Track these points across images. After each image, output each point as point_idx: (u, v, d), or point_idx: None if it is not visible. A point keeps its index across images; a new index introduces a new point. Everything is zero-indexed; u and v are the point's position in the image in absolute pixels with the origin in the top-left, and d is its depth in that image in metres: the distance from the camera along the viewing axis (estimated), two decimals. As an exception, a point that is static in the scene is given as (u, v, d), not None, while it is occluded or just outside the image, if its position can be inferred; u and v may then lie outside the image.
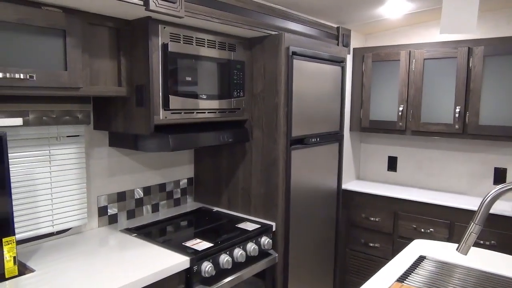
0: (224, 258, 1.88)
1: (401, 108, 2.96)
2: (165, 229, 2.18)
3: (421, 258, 1.71)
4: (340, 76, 2.69)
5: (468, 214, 2.63)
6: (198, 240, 1.94)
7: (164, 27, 1.79)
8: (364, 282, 1.41)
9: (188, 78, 1.92)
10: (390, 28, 3.26)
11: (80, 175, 1.98)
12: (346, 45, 2.86)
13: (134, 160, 2.27)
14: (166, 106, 1.82)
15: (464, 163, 3.02)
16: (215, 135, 2.08)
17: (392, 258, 2.96)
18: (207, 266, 1.79)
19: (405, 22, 3.09)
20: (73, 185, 1.96)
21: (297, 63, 2.25)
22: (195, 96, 1.95)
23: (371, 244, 3.05)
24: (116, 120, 1.92)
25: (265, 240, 2.16)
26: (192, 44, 1.93)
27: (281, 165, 2.23)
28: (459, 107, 2.71)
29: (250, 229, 2.14)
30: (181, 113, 1.91)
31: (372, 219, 3.03)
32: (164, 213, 2.42)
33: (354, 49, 3.12)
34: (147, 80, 1.74)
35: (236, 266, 1.97)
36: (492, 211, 2.56)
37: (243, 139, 2.27)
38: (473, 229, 1.20)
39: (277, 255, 2.21)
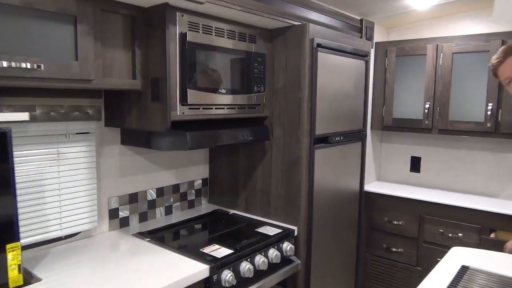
0: (245, 266, 1.74)
1: (427, 106, 2.79)
2: (180, 234, 2.04)
3: (464, 269, 1.55)
4: (364, 71, 2.53)
5: (500, 218, 2.46)
6: (217, 246, 1.80)
7: (182, 15, 1.65)
8: None
9: (207, 71, 1.78)
10: (414, 22, 3.09)
11: (90, 175, 1.85)
12: (370, 38, 2.70)
13: (147, 159, 2.13)
14: (183, 100, 1.68)
15: (493, 164, 2.85)
16: (235, 133, 1.94)
17: (417, 264, 2.80)
18: (227, 275, 1.65)
19: (431, 14, 2.92)
20: (82, 186, 1.82)
21: (321, 55, 2.10)
22: (214, 90, 1.81)
23: (394, 249, 2.89)
24: (129, 116, 1.78)
25: (287, 246, 2.01)
26: (211, 34, 1.78)
27: (304, 165, 2.08)
28: (491, 104, 2.54)
29: (271, 234, 1.99)
30: (199, 108, 1.76)
31: (395, 222, 2.87)
32: (178, 215, 2.28)
33: (376, 43, 2.96)
34: (164, 73, 1.60)
35: (258, 275, 1.82)
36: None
37: (263, 137, 2.12)
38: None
39: (299, 262, 2.06)
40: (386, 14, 2.78)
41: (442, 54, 2.72)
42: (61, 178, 1.74)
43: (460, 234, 2.60)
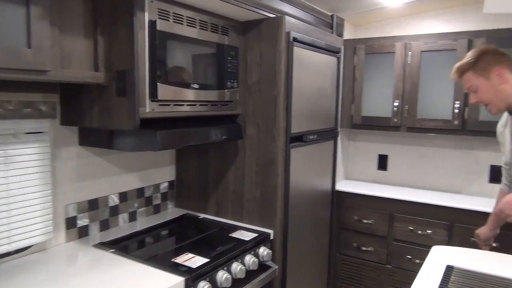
0: (222, 276, 1.60)
1: (396, 104, 2.79)
2: (147, 242, 1.87)
3: (449, 269, 1.52)
4: (336, 68, 2.47)
5: (468, 214, 2.50)
6: (190, 255, 1.65)
7: (152, 1, 1.48)
8: None
9: (179, 64, 1.62)
10: (382, 20, 3.09)
11: (44, 180, 1.63)
12: (340, 35, 2.65)
13: (108, 161, 1.93)
14: (153, 96, 1.51)
15: (459, 161, 2.90)
16: (208, 131, 1.79)
17: (387, 262, 2.80)
18: (204, 287, 1.50)
19: (399, 13, 2.93)
20: (35, 193, 1.60)
21: (297, 51, 2.00)
22: (186, 85, 1.66)
23: (364, 248, 2.87)
24: (89, 114, 1.58)
25: (263, 251, 1.90)
26: (183, 24, 1.63)
27: (280, 165, 1.98)
28: (459, 102, 2.57)
29: (247, 239, 1.87)
30: (170, 105, 1.60)
31: (365, 221, 2.85)
32: (143, 222, 2.10)
33: (345, 40, 2.92)
34: (131, 64, 1.43)
35: (235, 284, 1.69)
36: (490, 210, 2.45)
37: (236, 136, 1.99)
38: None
39: (277, 267, 1.96)
40: (356, 11, 2.74)
41: (410, 53, 2.72)
42: (10, 184, 1.51)
43: (429, 231, 2.62)
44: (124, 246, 1.76)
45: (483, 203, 2.55)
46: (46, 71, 1.25)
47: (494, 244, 2.02)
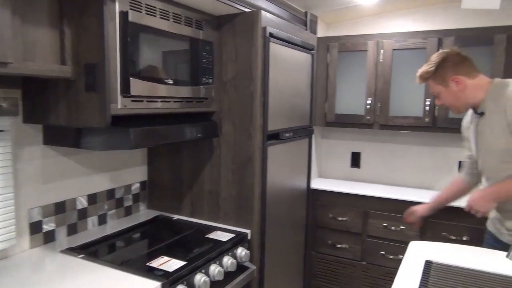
0: (200, 279, 1.54)
1: (369, 101, 2.81)
2: (120, 246, 1.77)
3: (429, 264, 1.53)
4: (310, 65, 2.46)
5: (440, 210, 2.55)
6: (166, 258, 1.58)
7: (123, -10, 1.40)
8: (332, 287, 1.18)
9: (153, 58, 1.55)
10: (354, 18, 3.11)
11: (5, 182, 1.51)
12: (314, 32, 2.64)
13: (75, 161, 1.82)
14: (126, 91, 1.43)
15: (429, 157, 2.97)
16: (183, 129, 1.72)
17: (362, 259, 2.82)
18: (182, 291, 1.44)
19: (370, 11, 2.96)
20: (-5, 196, 1.48)
21: (273, 46, 1.97)
22: (160, 80, 1.58)
23: (339, 246, 2.88)
24: (55, 110, 1.47)
25: (241, 251, 1.85)
26: (156, 16, 1.56)
27: (257, 163, 1.93)
28: (429, 99, 2.62)
29: (224, 240, 1.82)
30: (143, 101, 1.53)
31: (339, 219, 2.86)
32: (114, 225, 2.00)
33: (318, 38, 2.91)
34: (101, 58, 1.34)
35: (213, 286, 1.63)
36: (462, 204, 2.51)
37: (212, 134, 1.94)
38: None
39: (255, 268, 1.91)
40: (329, 8, 2.74)
41: (382, 51, 2.75)
42: (-34, 187, 1.39)
43: (402, 227, 2.66)
44: (94, 251, 1.66)
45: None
46: (7, 63, 1.15)
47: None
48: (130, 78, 1.43)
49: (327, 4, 2.66)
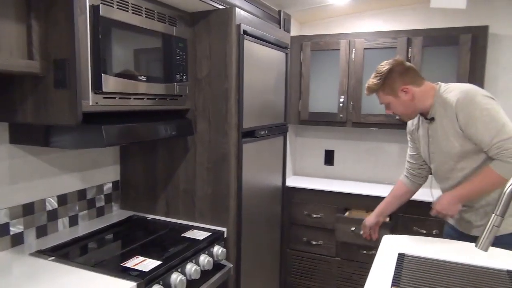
0: (176, 278, 1.52)
1: (342, 99, 2.86)
2: (92, 247, 1.73)
3: (401, 256, 1.57)
4: (284, 63, 2.47)
5: (409, 204, 2.61)
6: (141, 258, 1.55)
7: (93, -16, 1.37)
8: (308, 283, 1.20)
9: (125, 53, 1.51)
10: (326, 17, 3.15)
11: (-31, 183, 1.44)
12: (288, 31, 2.65)
13: (44, 161, 1.76)
14: (97, 88, 1.40)
15: (399, 154, 3.04)
16: (157, 127, 1.70)
17: (336, 255, 2.86)
18: (158, 291, 1.42)
19: (342, 11, 3.01)
20: (-42, 198, 1.41)
21: (247, 44, 1.97)
22: (133, 77, 1.55)
23: (314, 242, 2.91)
24: (22, 108, 1.42)
25: (218, 249, 1.84)
26: (128, 11, 1.52)
27: (233, 161, 1.93)
28: (400, 97, 2.69)
29: (201, 238, 1.80)
30: (115, 98, 1.49)
31: (314, 215, 2.89)
32: (86, 226, 1.94)
33: (292, 36, 2.93)
34: (72, 53, 1.30)
35: (190, 285, 1.62)
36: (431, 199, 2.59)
37: (187, 132, 1.92)
38: (495, 221, 1.06)
39: (231, 266, 1.91)
40: (302, 7, 2.77)
41: (354, 50, 2.80)
42: None
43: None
44: (65, 253, 1.61)
45: (423, 194, 2.69)
46: (-29, 57, 1.10)
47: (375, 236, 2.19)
48: (102, 74, 1.40)
49: (300, 3, 2.69)
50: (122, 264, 1.49)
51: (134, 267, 1.47)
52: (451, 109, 1.70)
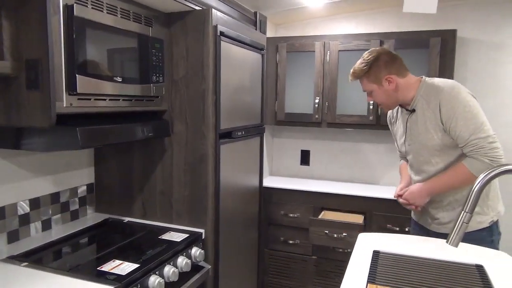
0: (155, 281, 1.51)
1: (317, 100, 2.90)
2: (67, 252, 1.69)
3: (376, 253, 1.61)
4: (260, 65, 2.49)
5: (383, 203, 2.69)
6: (118, 262, 1.53)
7: (67, -17, 1.34)
8: (285, 283, 1.23)
9: (100, 54, 1.49)
10: (302, 20, 3.19)
11: None
12: (264, 32, 2.67)
13: (15, 164, 1.71)
14: (71, 89, 1.37)
15: (373, 154, 3.12)
16: (134, 128, 1.68)
17: (313, 253, 2.90)
18: (136, 294, 1.40)
19: (317, 13, 3.06)
20: None
21: (224, 45, 1.97)
22: (108, 78, 1.53)
23: (291, 242, 2.94)
24: (-8, 109, 1.38)
25: (196, 251, 1.83)
26: (103, 11, 1.50)
27: (211, 162, 1.93)
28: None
29: (178, 240, 1.80)
30: (90, 99, 1.47)
31: (291, 215, 2.92)
32: (60, 230, 1.90)
33: (267, 38, 2.96)
34: (45, 53, 1.27)
35: (168, 288, 1.61)
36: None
37: (163, 133, 1.90)
38: (464, 218, 1.11)
39: (210, 267, 1.91)
40: (277, 10, 2.80)
41: (329, 52, 2.85)
42: None
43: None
44: (39, 258, 1.57)
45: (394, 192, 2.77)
46: None
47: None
48: (77, 75, 1.37)
49: (276, 5, 2.71)
50: (98, 268, 1.46)
51: (111, 271, 1.44)
52: (436, 102, 1.73)
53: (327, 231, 2.67)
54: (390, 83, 1.81)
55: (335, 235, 2.67)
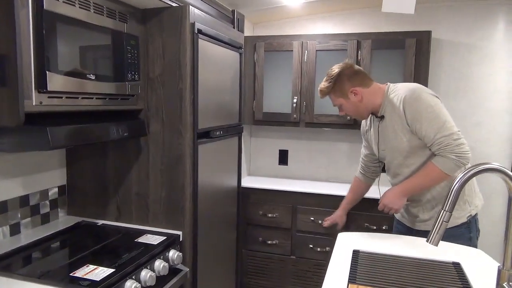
0: (131, 285, 1.45)
1: (295, 100, 2.90)
2: (37, 257, 1.62)
3: (356, 253, 1.61)
4: (238, 64, 2.46)
5: (362, 202, 2.70)
6: (92, 267, 1.47)
7: (36, -25, 1.27)
8: (264, 283, 1.22)
9: (72, 50, 1.43)
10: (279, 19, 3.18)
11: None
12: (241, 31, 2.64)
13: (-19, 166, 1.62)
14: (42, 87, 1.30)
15: (351, 153, 3.14)
16: (108, 128, 1.62)
17: (291, 253, 2.89)
18: (111, 301, 1.35)
19: (296, 13, 3.05)
20: None
21: (201, 43, 1.93)
22: (81, 75, 1.47)
23: (269, 242, 2.92)
24: (-45, 108, 1.29)
25: (173, 254, 1.79)
26: (75, 6, 1.44)
27: (188, 162, 1.89)
28: (350, 98, 2.77)
29: (155, 243, 1.75)
30: (62, 97, 1.40)
31: (269, 215, 2.90)
32: (29, 235, 1.81)
33: (245, 37, 2.93)
34: (12, 49, 1.20)
35: (145, 293, 1.56)
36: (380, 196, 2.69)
37: (139, 133, 1.85)
38: (444, 217, 1.12)
39: (188, 270, 1.86)
40: (255, 8, 2.77)
41: (306, 51, 2.85)
42: None
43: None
44: (7, 265, 1.49)
45: (371, 191, 2.79)
46: None
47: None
48: (47, 72, 1.30)
49: (254, 3, 2.69)
50: (71, 274, 1.40)
51: (84, 277, 1.38)
52: (400, 106, 1.78)
53: (313, 218, 2.78)
54: (355, 95, 1.87)
55: (320, 221, 2.68)
